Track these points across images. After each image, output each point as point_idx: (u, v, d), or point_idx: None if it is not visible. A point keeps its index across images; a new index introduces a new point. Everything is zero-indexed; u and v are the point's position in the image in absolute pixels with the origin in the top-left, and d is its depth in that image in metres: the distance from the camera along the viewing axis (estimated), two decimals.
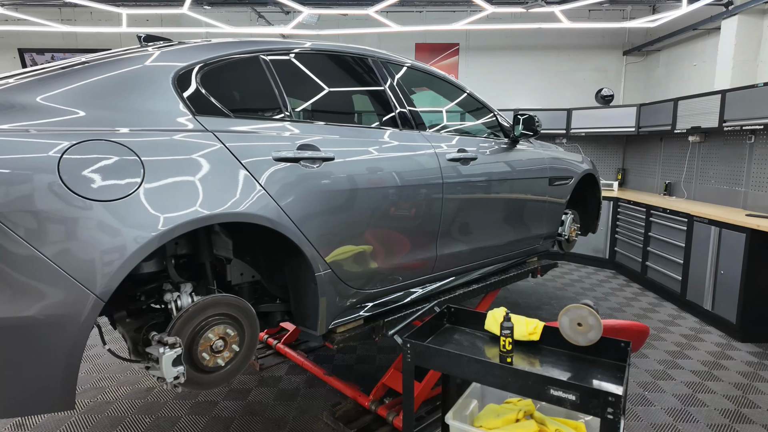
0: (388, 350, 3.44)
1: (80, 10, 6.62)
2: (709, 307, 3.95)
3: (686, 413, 2.66)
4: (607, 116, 6.01)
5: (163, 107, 1.56)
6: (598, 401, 1.35)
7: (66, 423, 2.51)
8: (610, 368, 1.62)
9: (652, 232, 4.84)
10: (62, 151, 1.26)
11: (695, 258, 4.12)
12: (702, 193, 4.99)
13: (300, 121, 1.95)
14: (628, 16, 6.39)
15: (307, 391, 2.87)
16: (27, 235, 1.19)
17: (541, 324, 1.81)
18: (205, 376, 1.59)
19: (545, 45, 6.66)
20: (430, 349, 1.70)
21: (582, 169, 3.59)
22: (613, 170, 6.62)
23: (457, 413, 1.78)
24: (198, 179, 1.49)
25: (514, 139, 2.94)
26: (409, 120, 2.37)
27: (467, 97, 2.88)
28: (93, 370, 3.10)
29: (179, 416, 2.59)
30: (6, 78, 1.44)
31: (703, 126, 4.57)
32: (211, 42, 1.86)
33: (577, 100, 6.57)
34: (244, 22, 6.65)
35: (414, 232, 2.26)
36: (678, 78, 5.86)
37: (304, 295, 1.91)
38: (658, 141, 5.77)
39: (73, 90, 1.43)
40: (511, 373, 1.52)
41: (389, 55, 2.49)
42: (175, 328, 1.49)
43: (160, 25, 6.68)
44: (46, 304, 1.21)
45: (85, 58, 1.60)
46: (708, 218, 3.95)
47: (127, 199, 1.33)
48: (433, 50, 6.79)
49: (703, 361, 3.32)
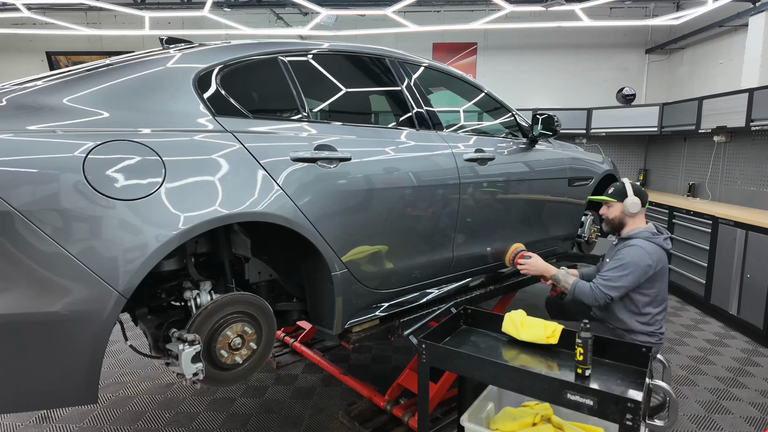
0: (404, 350, 3.43)
1: (105, 14, 6.78)
2: (735, 312, 3.83)
3: (710, 420, 2.59)
4: (629, 116, 5.88)
5: (184, 108, 1.59)
6: (617, 407, 1.33)
7: (89, 416, 2.57)
8: (630, 373, 1.58)
9: (675, 234, 4.73)
10: (87, 151, 1.30)
11: (720, 261, 4.01)
12: (727, 194, 4.85)
13: (317, 121, 1.96)
14: (651, 14, 6.26)
15: (323, 389, 2.89)
16: (53, 233, 1.23)
17: (560, 327, 1.79)
18: (223, 373, 1.61)
19: (565, 44, 6.56)
20: (446, 350, 1.69)
21: (602, 169, 3.52)
22: (635, 171, 6.48)
23: (473, 415, 1.76)
24: (217, 179, 1.51)
25: (533, 139, 2.90)
26: (426, 120, 2.36)
27: (485, 97, 2.86)
28: (115, 365, 3.17)
29: (198, 412, 2.63)
30: (35, 80, 1.48)
31: (729, 126, 4.44)
32: (231, 44, 1.88)
33: (597, 99, 6.46)
34: (263, 24, 6.72)
35: (430, 233, 2.25)
36: (703, 76, 5.71)
37: (320, 295, 1.92)
38: (682, 141, 5.63)
39: (98, 92, 1.47)
40: (528, 376, 1.51)
41: (406, 55, 2.49)
42: (195, 326, 1.52)
43: (182, 27, 6.80)
44: (71, 300, 1.25)
45: (109, 61, 1.64)
46: (734, 220, 3.84)
47: (149, 198, 1.36)
48: (451, 50, 6.76)
49: (728, 367, 3.23)
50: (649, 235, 2.34)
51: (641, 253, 2.25)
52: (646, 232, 2.36)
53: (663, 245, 2.33)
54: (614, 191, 2.49)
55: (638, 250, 2.27)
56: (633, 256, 2.26)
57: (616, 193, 2.47)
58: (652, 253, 2.27)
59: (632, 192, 2.43)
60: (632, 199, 2.40)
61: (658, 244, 2.31)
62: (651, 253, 2.26)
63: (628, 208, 2.40)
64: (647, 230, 2.38)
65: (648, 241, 2.31)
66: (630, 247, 2.31)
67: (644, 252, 2.26)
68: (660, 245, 2.32)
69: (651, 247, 2.28)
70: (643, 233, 2.36)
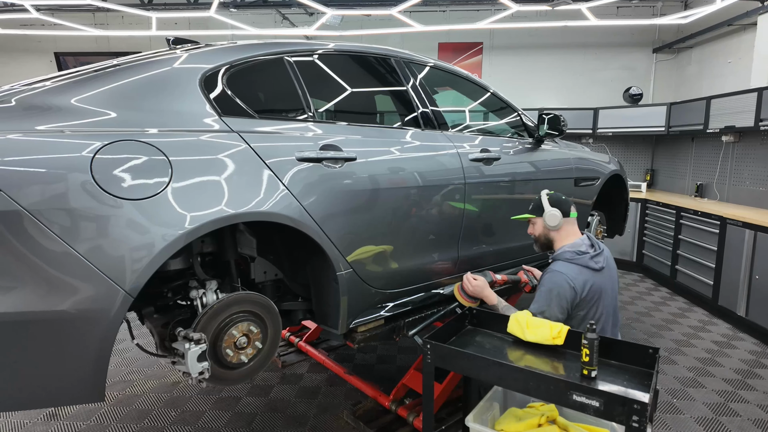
0: (409, 350, 3.43)
1: (112, 15, 6.83)
2: (743, 314, 3.80)
3: (718, 423, 2.57)
4: (636, 115, 5.84)
5: (191, 108, 1.59)
6: (623, 408, 1.32)
7: (96, 414, 2.59)
8: (637, 374, 1.57)
9: (682, 235, 4.69)
10: (95, 151, 1.31)
11: (728, 262, 3.97)
12: (736, 195, 4.80)
13: (323, 121, 1.97)
14: (659, 13, 6.21)
15: (328, 389, 2.89)
16: (61, 232, 1.24)
17: (566, 328, 1.78)
18: (229, 372, 1.62)
19: (571, 43, 6.53)
20: (451, 350, 1.69)
21: (609, 169, 3.50)
22: (642, 171, 6.44)
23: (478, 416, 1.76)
24: (223, 179, 1.51)
25: (539, 139, 2.89)
26: (432, 120, 2.36)
27: (491, 97, 2.85)
28: (122, 363, 3.20)
29: (203, 411, 2.64)
30: (44, 81, 1.50)
31: (737, 125, 4.40)
32: (237, 44, 1.89)
33: (604, 99, 6.42)
34: (268, 24, 6.74)
35: (436, 233, 2.25)
36: (711, 76, 5.66)
37: (325, 294, 1.92)
38: (689, 141, 5.58)
39: (105, 92, 1.48)
40: (534, 377, 1.50)
41: (412, 54, 2.49)
42: (201, 325, 1.52)
43: (188, 28, 6.83)
44: (78, 299, 1.26)
45: (116, 61, 1.65)
46: (742, 221, 3.80)
47: (156, 197, 1.37)
48: (457, 50, 6.74)
49: (736, 369, 3.20)
50: (573, 255, 2.05)
51: (560, 279, 2.00)
52: (569, 251, 2.07)
53: (588, 265, 2.02)
54: (532, 207, 2.25)
55: (556, 275, 2.01)
56: (552, 282, 2.01)
57: (535, 209, 2.24)
58: (574, 277, 1.99)
59: (548, 203, 2.17)
60: (550, 212, 2.15)
61: (581, 264, 2.02)
62: (571, 277, 1.99)
63: (548, 222, 2.15)
64: (572, 248, 2.08)
65: (569, 263, 2.04)
66: (549, 274, 2.07)
67: (563, 278, 1.99)
68: (584, 266, 2.02)
69: (572, 271, 2.00)
70: (565, 253, 2.08)
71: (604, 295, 2.05)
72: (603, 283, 2.06)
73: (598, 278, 2.04)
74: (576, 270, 2.02)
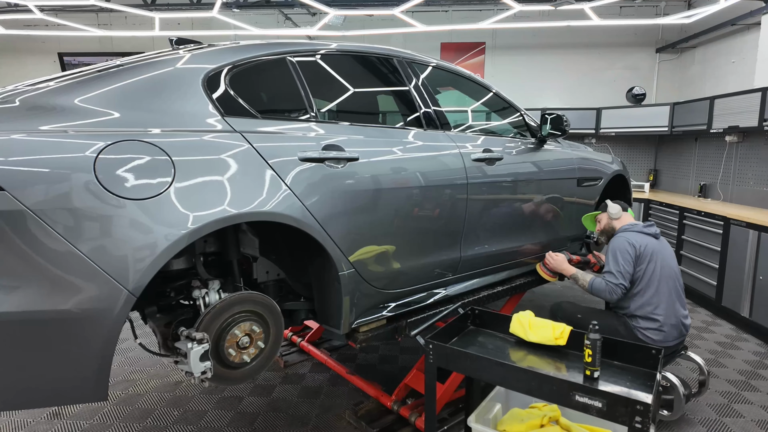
0: (411, 351, 3.43)
1: (116, 15, 6.85)
2: (747, 314, 3.78)
3: (721, 424, 2.56)
4: (639, 115, 5.83)
5: (193, 108, 1.60)
6: (626, 409, 1.32)
7: (99, 413, 2.60)
8: (640, 375, 1.57)
9: (685, 235, 4.67)
10: (98, 151, 1.31)
11: (732, 263, 3.95)
12: (739, 195, 4.78)
13: (325, 121, 1.97)
14: (662, 12, 6.20)
15: (330, 389, 2.89)
16: (65, 232, 1.24)
17: (569, 328, 1.78)
18: (231, 372, 1.62)
19: (574, 43, 6.52)
20: (453, 351, 1.69)
21: (612, 169, 3.49)
22: (645, 171, 6.42)
23: (480, 416, 1.76)
24: (226, 179, 1.52)
25: (542, 139, 2.88)
26: (434, 120, 2.36)
27: (493, 97, 2.85)
28: (125, 363, 3.20)
29: (206, 410, 2.65)
30: (47, 81, 1.50)
31: (741, 125, 4.38)
32: (240, 44, 1.89)
33: (607, 99, 6.40)
34: (271, 25, 6.75)
35: (438, 233, 2.24)
36: (714, 76, 5.64)
37: (327, 294, 1.92)
38: (693, 141, 5.56)
39: (109, 92, 1.48)
40: (536, 377, 1.50)
41: (414, 54, 2.49)
42: (203, 324, 1.53)
43: (191, 28, 6.85)
44: (81, 299, 1.26)
45: (119, 61, 1.65)
46: (746, 221, 3.79)
47: (159, 197, 1.37)
48: (459, 50, 6.74)
49: (740, 370, 3.19)
50: (628, 227, 2.63)
51: (620, 240, 2.55)
52: (626, 226, 2.66)
53: (643, 230, 2.58)
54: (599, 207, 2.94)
55: (618, 239, 2.58)
56: (614, 245, 2.56)
57: (600, 208, 2.88)
58: (631, 237, 2.54)
59: (612, 203, 2.78)
60: (613, 206, 2.76)
61: (636, 231, 2.58)
62: (629, 237, 2.54)
63: (611, 212, 2.74)
64: (628, 225, 2.66)
65: (627, 231, 2.60)
66: (612, 239, 2.65)
67: (623, 239, 2.55)
68: (639, 231, 2.58)
69: (630, 234, 2.56)
70: (623, 228, 2.65)
71: (658, 257, 2.50)
72: (657, 246, 2.53)
73: (652, 241, 2.54)
74: (632, 234, 2.56)
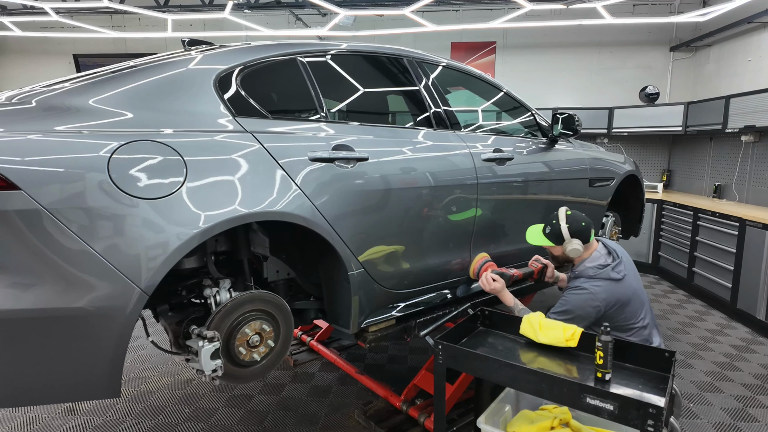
0: (420, 351, 3.42)
1: (129, 17, 6.93)
2: (763, 317, 3.71)
3: (736, 428, 2.52)
4: (652, 115, 5.75)
5: (205, 109, 1.61)
6: (638, 412, 1.30)
7: (112, 410, 2.64)
8: (653, 378, 1.55)
9: (699, 237, 4.60)
10: (112, 151, 1.33)
11: (747, 264, 3.88)
12: (756, 196, 4.70)
13: (335, 121, 1.97)
14: (676, 11, 6.10)
15: (339, 388, 2.90)
16: (79, 231, 1.26)
17: (579, 330, 1.76)
18: (242, 370, 1.63)
19: (586, 42, 6.45)
20: (463, 351, 1.68)
21: (624, 170, 3.45)
22: (658, 171, 6.33)
23: (490, 417, 1.75)
24: (237, 179, 1.53)
25: (553, 139, 2.86)
26: (444, 120, 2.35)
27: (504, 96, 2.83)
28: (137, 360, 3.24)
29: (216, 408, 2.67)
30: (62, 82, 1.53)
31: (757, 125, 4.30)
32: (251, 45, 1.91)
33: (619, 98, 6.33)
34: (282, 25, 6.79)
35: (448, 233, 2.24)
36: (730, 74, 5.54)
37: (337, 294, 1.93)
38: (707, 141, 5.48)
39: (122, 93, 1.50)
40: (547, 379, 1.49)
41: (424, 54, 2.48)
42: (214, 323, 1.54)
43: (203, 29, 6.91)
44: (95, 296, 1.28)
45: (132, 63, 1.67)
46: (762, 223, 3.72)
47: (171, 197, 1.39)
48: (470, 49, 6.71)
49: (755, 374, 3.13)
50: (595, 270, 2.10)
51: (584, 298, 2.05)
52: (591, 267, 2.12)
53: (611, 276, 2.08)
54: (550, 232, 2.21)
55: (581, 295, 2.06)
56: (575, 303, 2.06)
57: (553, 236, 2.20)
58: (598, 293, 2.05)
59: (569, 234, 2.15)
60: (572, 245, 2.15)
61: (604, 278, 2.08)
62: (596, 294, 2.05)
63: (571, 255, 2.19)
64: (593, 263, 2.13)
65: (592, 279, 2.08)
66: (573, 291, 2.11)
67: (587, 295, 2.05)
68: (608, 278, 2.07)
69: (596, 287, 2.05)
70: (588, 270, 2.12)
71: (630, 300, 2.11)
72: (626, 289, 2.11)
73: (621, 288, 2.10)
74: (600, 286, 2.08)
